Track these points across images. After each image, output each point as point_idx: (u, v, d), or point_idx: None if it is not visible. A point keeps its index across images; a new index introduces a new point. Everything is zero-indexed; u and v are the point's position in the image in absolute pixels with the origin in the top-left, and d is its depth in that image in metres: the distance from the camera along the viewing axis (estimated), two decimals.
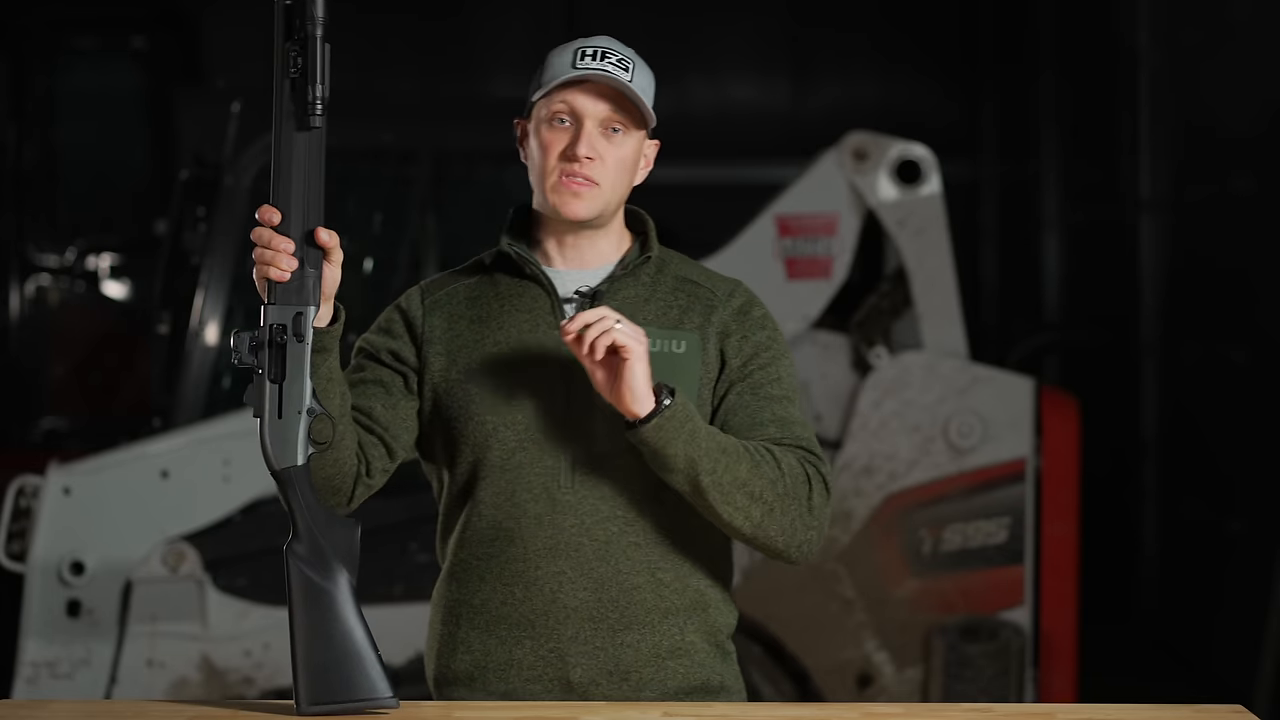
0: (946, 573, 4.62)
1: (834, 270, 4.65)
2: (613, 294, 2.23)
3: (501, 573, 2.21)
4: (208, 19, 8.89)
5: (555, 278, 2.24)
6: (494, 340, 2.23)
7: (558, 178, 2.19)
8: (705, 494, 2.12)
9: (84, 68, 8.98)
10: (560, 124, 2.19)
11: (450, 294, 2.28)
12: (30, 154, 8.84)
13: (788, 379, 2.25)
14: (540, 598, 2.19)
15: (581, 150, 2.17)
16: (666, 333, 2.22)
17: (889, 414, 4.60)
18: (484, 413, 2.20)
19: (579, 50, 2.20)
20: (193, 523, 4.56)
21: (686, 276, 2.28)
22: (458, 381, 2.23)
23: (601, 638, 2.20)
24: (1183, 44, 6.76)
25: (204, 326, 5.02)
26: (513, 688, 2.22)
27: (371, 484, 2.23)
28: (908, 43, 8.97)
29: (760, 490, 2.13)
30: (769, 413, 2.21)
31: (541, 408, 2.20)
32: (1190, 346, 6.66)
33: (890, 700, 4.54)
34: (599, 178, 2.19)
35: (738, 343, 2.24)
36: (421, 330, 2.26)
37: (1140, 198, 7.10)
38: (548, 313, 2.23)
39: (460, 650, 2.25)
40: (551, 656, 2.20)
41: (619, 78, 2.17)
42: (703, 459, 2.10)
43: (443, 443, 2.25)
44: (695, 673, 2.23)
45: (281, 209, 2.08)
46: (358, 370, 2.27)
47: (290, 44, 2.06)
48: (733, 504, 2.13)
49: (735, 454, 2.12)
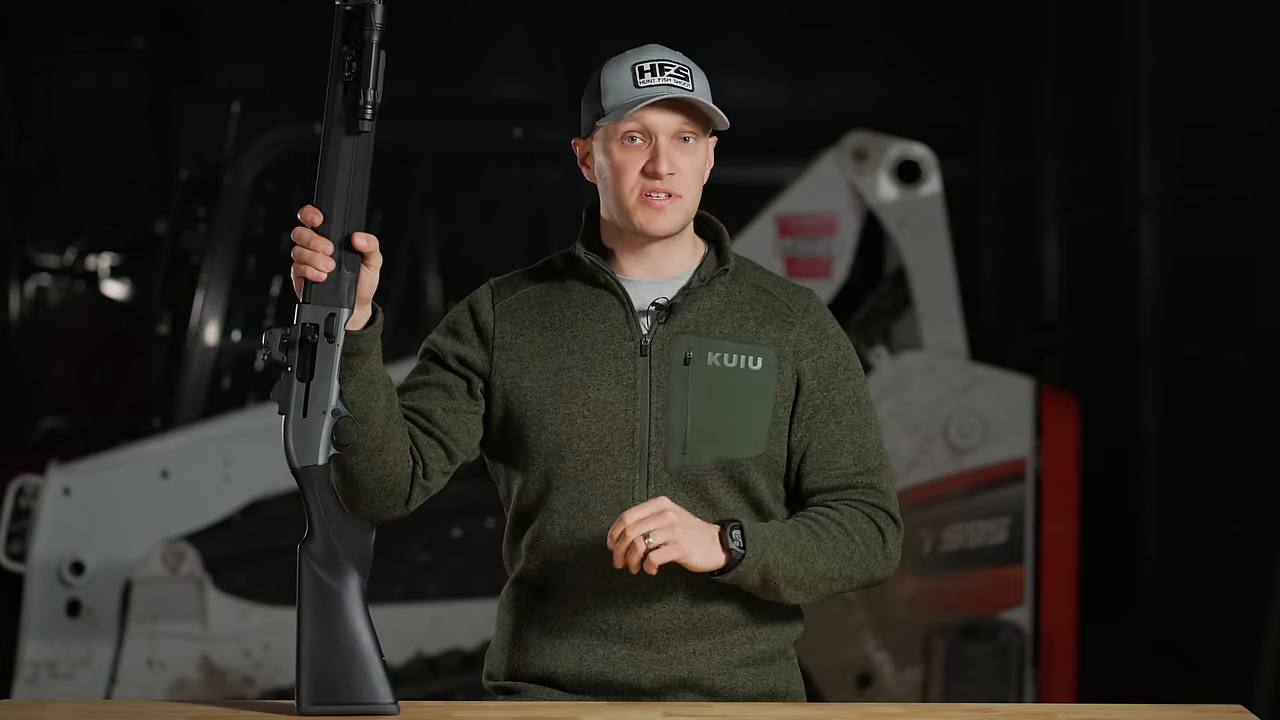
0: (946, 573, 4.63)
1: (834, 270, 4.65)
2: (688, 306, 2.23)
3: (575, 584, 2.22)
4: (208, 19, 8.88)
5: (630, 287, 2.24)
6: (568, 349, 2.23)
7: (639, 196, 2.19)
8: (792, 599, 2.19)
9: (84, 68, 8.98)
10: (632, 142, 2.19)
11: (521, 298, 2.27)
12: (30, 154, 8.83)
13: (864, 398, 2.28)
14: (614, 610, 2.21)
15: (663, 168, 2.17)
16: (743, 347, 2.23)
17: (889, 414, 4.60)
18: (558, 423, 2.21)
19: (636, 67, 2.19)
20: (193, 523, 4.56)
21: (761, 286, 2.28)
22: (530, 389, 2.22)
23: (674, 647, 2.21)
24: (1182, 44, 6.75)
25: (204, 326, 5.03)
26: (584, 692, 2.23)
27: (429, 485, 2.22)
28: (907, 43, 8.97)
29: (839, 570, 2.19)
30: (849, 443, 2.24)
31: (616, 420, 2.20)
32: (1190, 346, 6.66)
33: (890, 700, 4.54)
34: (681, 190, 2.19)
35: (814, 363, 2.25)
36: (493, 335, 2.25)
37: (1140, 198, 7.09)
38: (622, 324, 2.23)
39: (532, 654, 2.26)
40: (624, 664, 2.21)
41: (684, 89, 2.18)
42: (780, 581, 2.15)
43: (514, 449, 2.25)
44: (764, 680, 2.26)
45: (324, 210, 2.10)
46: (422, 372, 2.27)
47: (346, 48, 2.08)
48: (817, 592, 2.20)
49: (810, 554, 2.17)
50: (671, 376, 2.20)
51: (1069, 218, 8.26)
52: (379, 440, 2.14)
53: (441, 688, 4.59)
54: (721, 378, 2.21)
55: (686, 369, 2.20)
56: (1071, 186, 8.24)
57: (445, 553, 4.73)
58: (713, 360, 2.21)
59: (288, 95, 6.78)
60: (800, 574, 2.15)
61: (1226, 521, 6.11)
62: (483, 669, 2.35)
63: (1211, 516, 6.28)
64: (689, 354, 2.21)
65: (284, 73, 8.59)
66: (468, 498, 4.47)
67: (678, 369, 2.20)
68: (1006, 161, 8.92)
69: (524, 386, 2.23)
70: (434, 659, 4.68)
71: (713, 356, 2.21)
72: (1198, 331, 6.59)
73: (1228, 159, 6.22)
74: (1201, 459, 6.51)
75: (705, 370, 2.21)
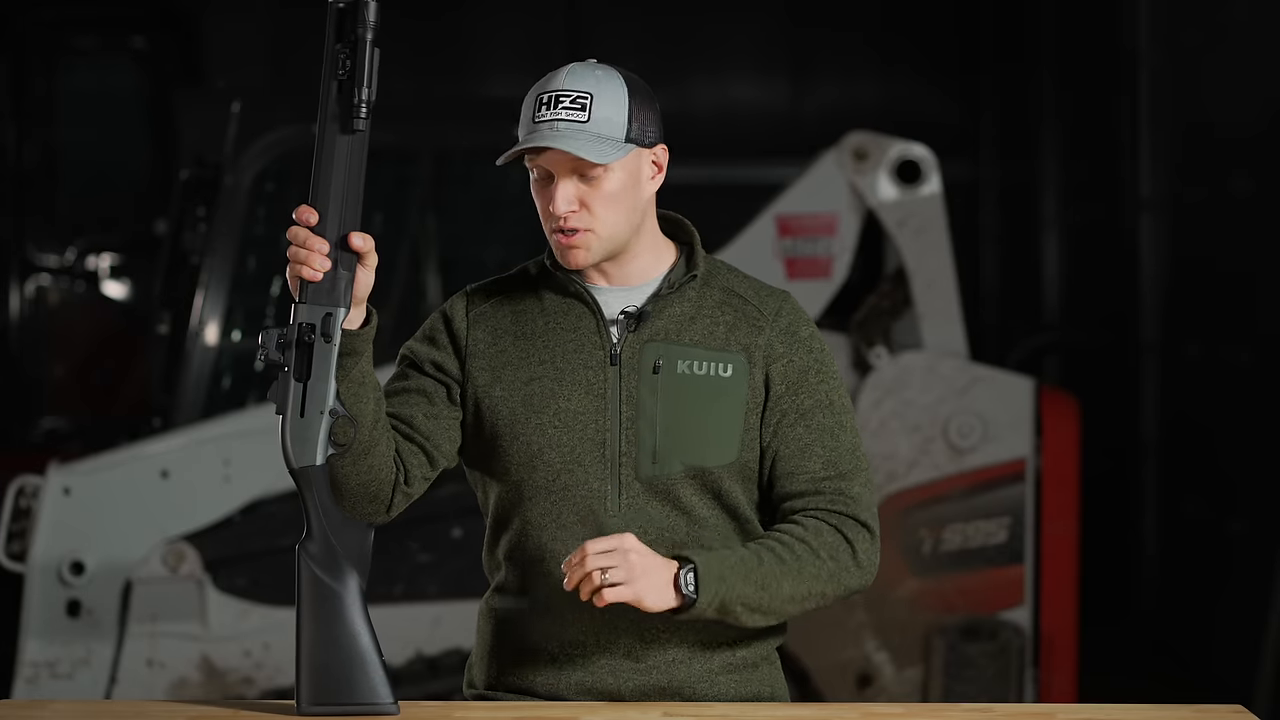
0: (946, 573, 4.63)
1: (834, 270, 4.65)
2: (657, 313, 2.22)
3: (552, 592, 2.20)
4: (208, 19, 8.88)
5: (600, 296, 2.23)
6: (539, 359, 2.22)
7: (551, 234, 2.19)
8: (756, 624, 2.17)
9: (84, 68, 8.98)
10: (539, 179, 2.19)
11: (495, 306, 2.27)
12: (30, 154, 8.83)
13: (837, 401, 2.24)
14: (592, 618, 2.19)
15: (559, 208, 2.16)
16: (713, 354, 2.21)
17: (889, 414, 4.61)
18: (529, 434, 2.20)
19: (539, 98, 2.16)
20: (193, 523, 4.56)
21: (733, 290, 2.26)
22: (502, 399, 2.22)
23: (654, 655, 2.20)
24: (1182, 44, 6.75)
25: (204, 326, 5.02)
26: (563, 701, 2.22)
27: (411, 492, 2.22)
28: (907, 43, 8.97)
29: (807, 590, 2.16)
30: (818, 446, 2.21)
31: (587, 430, 2.19)
32: (1190, 347, 6.66)
33: (890, 700, 4.54)
34: (587, 224, 2.17)
35: (783, 367, 2.22)
36: (465, 342, 2.25)
37: (1140, 198, 7.09)
38: (593, 333, 2.22)
39: (511, 664, 2.25)
40: (603, 673, 2.21)
41: (574, 123, 2.13)
42: (742, 610, 2.13)
43: (489, 458, 2.24)
44: (748, 686, 2.25)
45: (319, 209, 2.09)
46: (401, 379, 2.26)
47: (340, 46, 2.07)
48: (785, 614, 2.18)
49: (774, 579, 2.14)
50: (641, 386, 2.19)
51: (1069, 218, 8.26)
52: (366, 444, 2.14)
53: (441, 688, 4.58)
54: (691, 385, 2.19)
55: (656, 377, 2.19)
56: (1071, 186, 8.24)
57: (445, 553, 4.73)
58: (682, 368, 2.20)
59: (287, 95, 6.77)
60: (764, 601, 2.13)
61: (1226, 521, 6.11)
62: (463, 678, 2.34)
63: (1211, 516, 6.28)
64: (658, 362, 2.20)
65: (283, 73, 8.59)
66: (467, 498, 4.46)
67: (647, 378, 2.19)
68: (1006, 161, 8.92)
69: (495, 396, 2.22)
70: (434, 659, 4.68)
71: (682, 364, 2.20)
72: (1198, 332, 6.59)
73: (1228, 159, 6.22)
74: (1201, 459, 6.51)
75: (675, 378, 2.19)
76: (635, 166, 2.20)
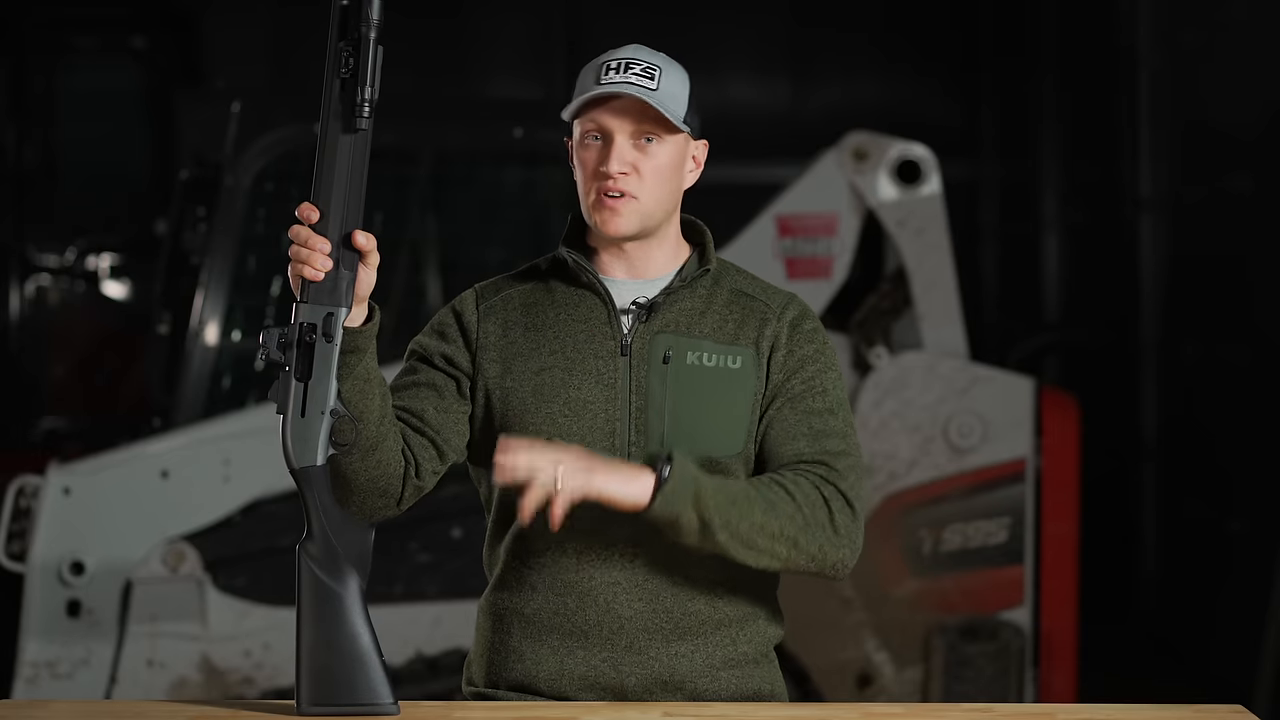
0: (946, 573, 4.63)
1: (834, 270, 4.65)
2: (669, 306, 2.23)
3: (554, 583, 2.21)
4: (208, 19, 8.88)
5: (612, 287, 2.24)
6: (550, 349, 2.22)
7: (595, 196, 2.19)
8: (725, 548, 2.12)
9: (84, 68, 8.98)
10: (593, 140, 2.19)
11: (505, 299, 2.27)
12: (30, 154, 8.83)
13: (832, 390, 2.24)
14: (594, 609, 2.19)
15: (613, 166, 2.17)
16: (723, 348, 2.22)
17: (889, 414, 4.61)
18: (538, 423, 2.20)
19: (604, 65, 2.19)
20: (193, 523, 4.56)
21: (742, 289, 2.27)
22: (511, 390, 2.22)
23: (655, 648, 2.20)
24: (1182, 45, 6.76)
25: (204, 326, 5.02)
26: (565, 696, 2.22)
27: (421, 485, 2.22)
28: (908, 43, 8.97)
29: (779, 529, 2.13)
30: (805, 425, 2.20)
31: (596, 420, 2.20)
32: (1190, 346, 6.66)
33: (890, 700, 4.54)
34: (635, 190, 2.18)
35: (783, 357, 2.23)
36: (476, 336, 2.25)
37: (1140, 198, 7.10)
38: (604, 323, 2.22)
39: (512, 659, 2.25)
40: (605, 666, 2.21)
41: (643, 87, 2.17)
42: (714, 517, 2.10)
43: (495, 449, 2.24)
44: (747, 683, 2.24)
45: (321, 208, 2.08)
46: (410, 373, 2.27)
47: (343, 44, 2.06)
48: (755, 549, 2.13)
49: (746, 501, 2.12)
50: (650, 376, 2.20)
51: (1069, 218, 8.26)
52: (373, 439, 2.13)
53: (441, 688, 4.58)
54: (700, 377, 2.20)
55: (665, 368, 2.20)
56: (1071, 186, 8.24)
57: (445, 553, 4.73)
58: (691, 359, 2.21)
59: (287, 95, 6.78)
60: (736, 520, 2.10)
61: (1226, 520, 6.12)
62: (462, 676, 2.34)
63: (1211, 515, 6.28)
64: (668, 353, 2.20)
65: (284, 73, 8.58)
66: (468, 498, 4.46)
67: (656, 368, 2.20)
68: (1006, 161, 8.92)
69: (506, 386, 2.23)
70: (434, 659, 4.68)
71: (692, 356, 2.21)
72: (1197, 331, 6.59)
73: (1227, 159, 6.22)
74: (1201, 458, 6.51)
75: (684, 369, 2.20)
76: (683, 152, 2.24)
